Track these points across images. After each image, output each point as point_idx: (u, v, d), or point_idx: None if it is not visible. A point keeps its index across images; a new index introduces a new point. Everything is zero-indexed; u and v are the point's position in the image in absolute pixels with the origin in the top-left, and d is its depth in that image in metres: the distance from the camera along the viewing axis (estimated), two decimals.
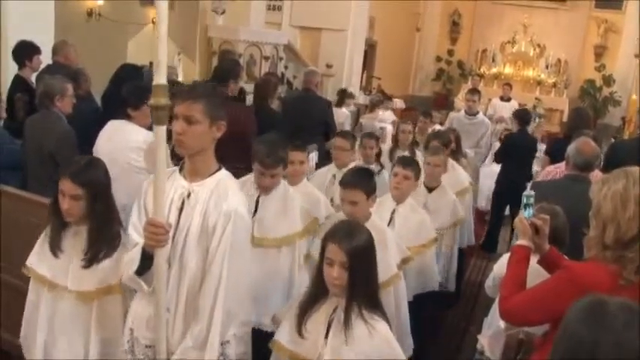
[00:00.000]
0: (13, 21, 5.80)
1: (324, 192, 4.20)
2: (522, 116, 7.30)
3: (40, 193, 3.78)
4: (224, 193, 2.33)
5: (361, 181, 3.11)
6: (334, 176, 4.40)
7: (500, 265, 3.39)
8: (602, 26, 15.43)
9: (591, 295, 1.59)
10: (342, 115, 8.67)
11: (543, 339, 2.40)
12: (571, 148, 3.74)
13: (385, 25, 14.78)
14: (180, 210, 2.35)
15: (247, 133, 4.67)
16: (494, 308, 3.37)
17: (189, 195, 2.35)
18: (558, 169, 4.28)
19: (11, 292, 3.68)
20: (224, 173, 2.42)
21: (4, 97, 5.35)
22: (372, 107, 9.08)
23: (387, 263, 2.97)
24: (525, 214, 2.55)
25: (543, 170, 4.85)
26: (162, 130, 2.13)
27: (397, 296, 3.11)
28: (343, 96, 9.30)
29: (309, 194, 3.73)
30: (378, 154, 5.23)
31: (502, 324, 2.92)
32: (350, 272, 2.22)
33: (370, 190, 3.11)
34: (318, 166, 5.45)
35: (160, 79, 2.09)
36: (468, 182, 5.16)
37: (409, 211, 3.80)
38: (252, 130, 4.74)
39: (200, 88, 2.38)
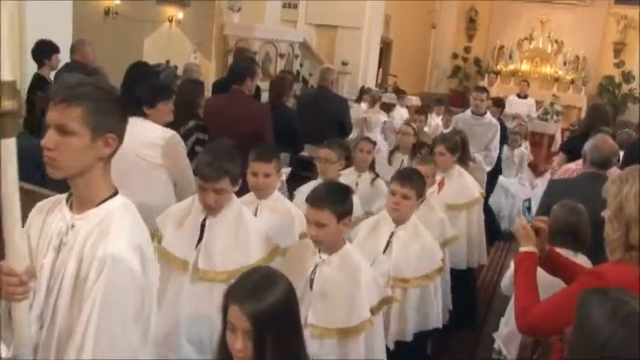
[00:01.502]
0: (32, 21, 5.86)
1: None
2: (502, 102, 7.49)
3: (59, 190, 3.82)
4: (106, 230, 1.73)
5: (332, 200, 2.55)
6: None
7: None
8: (621, 22, 15.25)
9: (613, 300, 1.52)
10: (362, 110, 8.82)
11: (562, 342, 2.34)
12: (588, 145, 3.69)
13: (401, 22, 14.72)
14: (59, 251, 1.78)
15: (263, 132, 4.67)
16: (511, 307, 3.35)
17: (68, 232, 1.79)
18: (576, 167, 4.23)
19: None
20: (117, 202, 1.81)
21: (24, 95, 5.42)
22: (373, 102, 9.09)
23: (357, 305, 2.53)
24: (526, 219, 2.49)
25: (560, 168, 4.79)
26: (9, 143, 1.62)
27: (369, 347, 2.60)
28: (361, 93, 9.45)
29: (279, 211, 3.24)
30: (372, 162, 4.69)
31: None
32: (255, 343, 1.72)
33: (343, 212, 2.56)
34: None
35: (4, 74, 1.60)
36: (479, 192, 4.62)
37: (412, 234, 3.25)
38: (268, 129, 4.75)
39: (81, 86, 1.75)
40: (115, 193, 1.84)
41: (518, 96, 12.03)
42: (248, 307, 1.72)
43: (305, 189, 3.85)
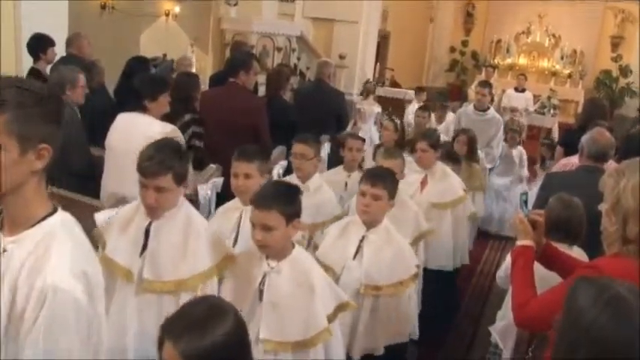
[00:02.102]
0: (28, 15, 5.84)
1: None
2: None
3: (48, 182, 3.81)
4: (44, 256, 1.50)
5: (279, 200, 2.34)
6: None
7: None
8: (619, 16, 15.21)
9: (598, 284, 1.52)
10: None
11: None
12: (585, 138, 3.69)
13: (398, 16, 14.69)
14: None
15: (258, 126, 4.67)
16: (507, 300, 3.36)
17: None
18: (573, 162, 4.23)
19: None
20: (57, 220, 1.58)
21: None
22: (367, 94, 9.11)
23: (313, 315, 2.37)
24: (523, 213, 2.50)
25: (557, 163, 4.79)
26: None
27: (327, 357, 2.43)
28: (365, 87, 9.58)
29: None
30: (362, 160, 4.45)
31: None
32: None
33: (292, 213, 2.35)
34: (330, 157, 5.42)
35: None
36: (463, 190, 4.39)
37: (384, 238, 3.00)
38: (264, 122, 4.74)
39: (2, 90, 1.48)
40: (54, 210, 1.60)
41: (516, 90, 12.02)
42: (183, 345, 1.47)
43: None
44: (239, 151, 3.03)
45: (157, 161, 2.38)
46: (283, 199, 2.35)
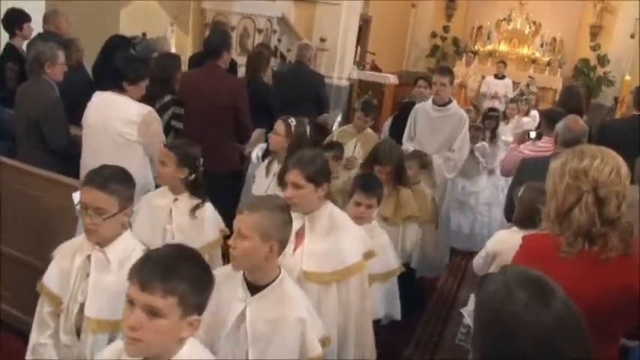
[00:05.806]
0: None
1: None
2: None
3: (28, 162, 3.79)
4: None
5: None
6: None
7: (494, 242, 3.42)
8: (598, 6, 15.33)
9: (496, 274, 1.58)
10: None
11: None
12: (560, 126, 3.76)
13: (380, 0, 14.63)
14: None
15: (239, 107, 4.66)
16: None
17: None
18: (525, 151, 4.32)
19: (10, 263, 3.70)
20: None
21: None
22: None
23: None
24: None
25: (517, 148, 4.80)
26: None
27: None
28: None
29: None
30: (196, 181, 3.17)
31: None
32: None
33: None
34: (311, 137, 5.41)
35: None
36: (362, 252, 2.69)
37: None
38: (244, 104, 4.73)
39: None
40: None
41: (496, 76, 12.14)
42: None
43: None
44: None
45: None
46: None
